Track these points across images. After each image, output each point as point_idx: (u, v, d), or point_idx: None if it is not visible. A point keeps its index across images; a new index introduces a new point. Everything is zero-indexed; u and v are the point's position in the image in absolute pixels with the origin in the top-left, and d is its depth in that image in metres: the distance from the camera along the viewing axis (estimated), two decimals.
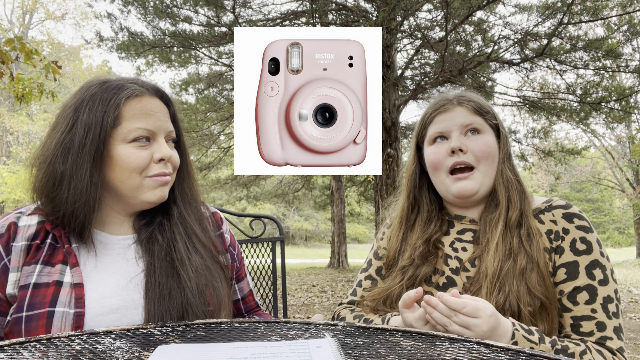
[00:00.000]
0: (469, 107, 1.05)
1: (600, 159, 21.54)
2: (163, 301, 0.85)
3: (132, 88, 0.90)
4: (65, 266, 0.84)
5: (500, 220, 0.99)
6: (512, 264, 0.93)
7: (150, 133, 0.89)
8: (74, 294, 0.81)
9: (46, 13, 20.07)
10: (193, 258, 0.93)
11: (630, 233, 27.29)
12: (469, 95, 1.08)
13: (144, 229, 0.95)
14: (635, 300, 6.90)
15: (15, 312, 0.80)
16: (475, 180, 1.02)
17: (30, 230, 0.87)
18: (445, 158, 1.03)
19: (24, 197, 14.31)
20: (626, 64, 8.01)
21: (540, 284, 0.91)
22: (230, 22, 7.79)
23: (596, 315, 0.89)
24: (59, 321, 0.79)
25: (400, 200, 1.18)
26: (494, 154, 1.03)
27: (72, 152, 0.85)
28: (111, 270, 0.88)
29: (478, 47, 8.36)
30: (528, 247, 0.94)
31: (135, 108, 0.88)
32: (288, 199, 15.98)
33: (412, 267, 1.04)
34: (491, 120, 1.06)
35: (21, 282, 0.82)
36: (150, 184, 0.90)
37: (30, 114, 17.36)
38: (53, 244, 0.87)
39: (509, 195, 1.01)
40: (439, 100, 1.10)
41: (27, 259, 0.84)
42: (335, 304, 6.65)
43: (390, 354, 0.60)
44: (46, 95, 4.55)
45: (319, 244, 33.21)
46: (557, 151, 10.06)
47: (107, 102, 0.87)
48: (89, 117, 0.86)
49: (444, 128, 1.05)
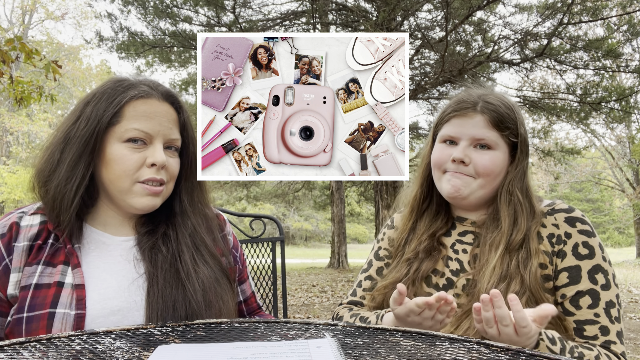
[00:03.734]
0: (489, 117, 0.99)
1: (600, 159, 21.54)
2: (167, 313, 0.83)
3: (141, 89, 0.89)
4: (66, 267, 0.84)
5: (501, 242, 0.96)
6: (505, 287, 0.91)
7: (147, 136, 0.87)
8: (75, 295, 0.81)
9: (46, 13, 20.07)
10: (201, 270, 0.91)
11: (630, 233, 27.29)
12: (494, 103, 1.01)
13: (146, 237, 0.92)
14: (635, 300, 6.90)
15: (16, 312, 0.80)
16: (467, 187, 0.99)
17: (33, 230, 0.86)
18: (447, 162, 1.02)
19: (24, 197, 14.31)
20: (626, 64, 8.01)
21: (530, 307, 0.86)
22: (230, 22, 7.79)
23: (599, 320, 0.89)
24: (59, 322, 0.78)
25: (413, 187, 1.15)
26: (497, 172, 0.99)
27: (70, 142, 0.86)
28: (113, 271, 0.87)
29: (478, 47, 8.36)
30: (523, 271, 0.92)
31: (138, 109, 0.87)
32: (288, 199, 15.99)
33: (416, 260, 1.04)
34: (509, 138, 1.00)
35: (22, 282, 0.82)
36: (139, 191, 0.87)
37: (30, 114, 17.36)
38: (55, 244, 0.86)
39: (515, 218, 0.97)
40: (461, 101, 1.03)
41: (29, 259, 0.84)
42: (335, 304, 6.66)
43: (390, 354, 0.60)
44: (45, 98, 4.54)
45: (319, 244, 33.22)
46: (557, 151, 10.06)
47: (112, 99, 0.87)
48: (91, 111, 0.87)
49: (455, 134, 1.01)
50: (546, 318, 0.75)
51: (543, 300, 0.91)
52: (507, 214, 0.98)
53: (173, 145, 0.93)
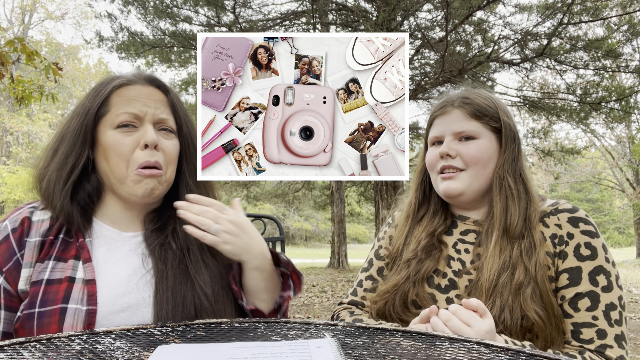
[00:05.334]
0: (466, 110, 1.02)
1: (600, 159, 21.54)
2: (176, 310, 0.83)
3: (124, 78, 0.93)
4: (77, 261, 0.84)
5: (495, 229, 0.97)
6: (509, 276, 0.90)
7: (136, 117, 0.88)
8: (86, 291, 0.81)
9: (46, 13, 20.07)
10: (210, 262, 0.92)
11: (630, 233, 27.29)
12: (471, 97, 1.04)
13: (155, 233, 0.92)
14: (635, 300, 6.90)
15: (27, 308, 0.80)
16: (461, 181, 1.00)
17: (44, 225, 0.87)
18: (437, 161, 1.04)
19: (24, 197, 14.30)
20: (626, 64, 8.02)
21: (535, 301, 0.88)
22: (231, 22, 7.79)
23: (597, 323, 0.87)
24: (71, 318, 0.78)
25: (409, 195, 1.17)
26: (486, 160, 1.00)
27: (64, 139, 0.91)
28: (123, 266, 0.87)
29: (478, 47, 8.37)
30: (527, 261, 0.92)
31: (123, 95, 0.90)
32: (288, 199, 15.99)
33: (415, 260, 1.04)
34: (490, 124, 1.02)
35: (33, 278, 0.82)
36: (135, 178, 0.87)
37: (30, 114, 17.36)
38: (66, 239, 0.87)
39: (506, 204, 0.98)
40: (441, 102, 1.08)
41: (41, 255, 0.84)
42: (335, 304, 6.65)
43: (390, 354, 0.60)
44: (46, 98, 4.54)
45: (319, 244, 33.22)
46: (557, 151, 10.07)
47: (98, 92, 0.91)
48: (81, 107, 0.91)
49: (439, 132, 1.05)
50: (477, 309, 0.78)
51: (549, 295, 0.90)
52: (499, 199, 0.99)
53: (165, 126, 0.92)
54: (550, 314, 0.89)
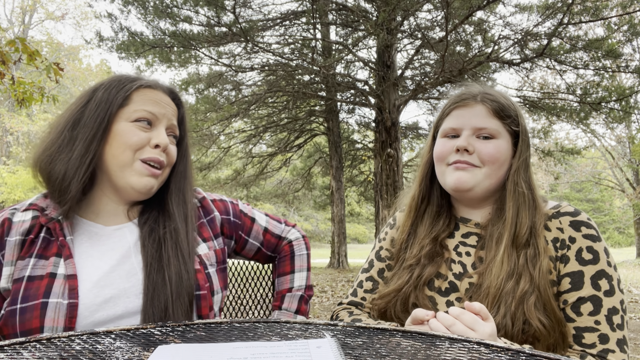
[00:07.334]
0: (490, 106, 0.99)
1: (600, 159, 21.54)
2: (166, 297, 0.85)
3: (147, 80, 0.99)
4: (59, 258, 0.85)
5: (505, 235, 0.95)
6: (514, 284, 0.89)
7: (153, 117, 0.94)
8: (68, 285, 0.82)
9: (46, 13, 20.06)
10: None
11: (630, 233, 27.28)
12: (494, 94, 1.01)
13: (143, 224, 0.95)
14: (635, 300, 6.90)
15: (10, 304, 0.81)
16: (474, 176, 0.97)
17: (25, 225, 0.88)
18: (450, 153, 1.00)
19: (24, 197, 14.30)
20: (626, 64, 8.01)
21: (539, 309, 0.87)
22: (231, 22, 7.79)
23: (599, 327, 0.86)
24: (52, 312, 0.79)
25: (412, 187, 1.14)
26: (502, 160, 0.98)
27: (80, 123, 0.92)
28: (107, 258, 0.88)
29: (478, 47, 8.36)
30: (532, 269, 0.90)
31: (146, 94, 0.96)
32: (288, 199, 15.98)
33: (418, 266, 1.02)
34: (510, 127, 0.99)
35: (15, 275, 0.83)
36: (139, 169, 0.92)
37: (30, 114, 17.36)
38: (47, 238, 0.88)
39: (518, 211, 0.95)
40: (462, 93, 1.04)
41: (22, 253, 0.85)
42: (335, 304, 6.65)
43: (390, 354, 0.60)
44: (47, 99, 4.54)
45: (319, 244, 33.20)
46: (557, 151, 10.06)
47: (122, 85, 0.95)
48: (102, 95, 0.93)
49: (458, 124, 1.00)
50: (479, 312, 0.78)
51: (551, 302, 0.89)
52: (512, 205, 0.96)
53: (173, 133, 1.00)
54: (553, 321, 0.88)
